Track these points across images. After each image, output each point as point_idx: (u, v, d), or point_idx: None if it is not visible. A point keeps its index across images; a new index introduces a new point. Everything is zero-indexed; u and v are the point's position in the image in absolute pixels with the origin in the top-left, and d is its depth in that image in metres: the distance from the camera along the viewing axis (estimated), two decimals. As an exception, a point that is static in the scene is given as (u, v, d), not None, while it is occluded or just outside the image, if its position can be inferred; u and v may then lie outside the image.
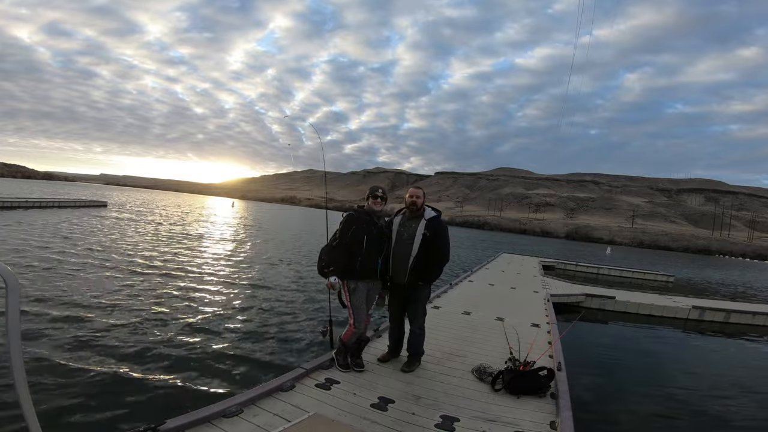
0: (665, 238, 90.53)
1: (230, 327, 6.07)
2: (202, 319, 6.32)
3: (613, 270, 19.97)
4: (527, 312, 7.21)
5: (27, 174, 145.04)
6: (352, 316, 3.63)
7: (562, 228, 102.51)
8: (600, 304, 9.99)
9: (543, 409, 3.25)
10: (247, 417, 2.72)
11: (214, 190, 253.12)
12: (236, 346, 5.30)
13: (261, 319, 6.65)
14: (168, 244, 14.56)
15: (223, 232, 22.44)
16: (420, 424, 2.86)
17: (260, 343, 5.48)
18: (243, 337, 5.66)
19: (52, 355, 4.44)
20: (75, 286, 7.45)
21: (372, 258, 3.63)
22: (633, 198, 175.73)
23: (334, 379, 3.46)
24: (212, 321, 6.27)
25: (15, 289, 1.29)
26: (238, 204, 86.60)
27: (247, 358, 4.95)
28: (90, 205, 31.39)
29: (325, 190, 4.66)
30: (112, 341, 5.01)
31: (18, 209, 22.47)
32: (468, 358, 4.30)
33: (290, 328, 6.31)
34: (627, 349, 7.36)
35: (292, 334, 6.03)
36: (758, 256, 75.06)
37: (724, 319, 9.66)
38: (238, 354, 5.06)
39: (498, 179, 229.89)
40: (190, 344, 5.21)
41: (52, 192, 46.63)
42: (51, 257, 9.82)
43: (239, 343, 5.41)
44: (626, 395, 5.07)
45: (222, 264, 11.70)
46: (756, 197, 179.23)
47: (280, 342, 5.64)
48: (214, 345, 5.28)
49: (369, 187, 3.89)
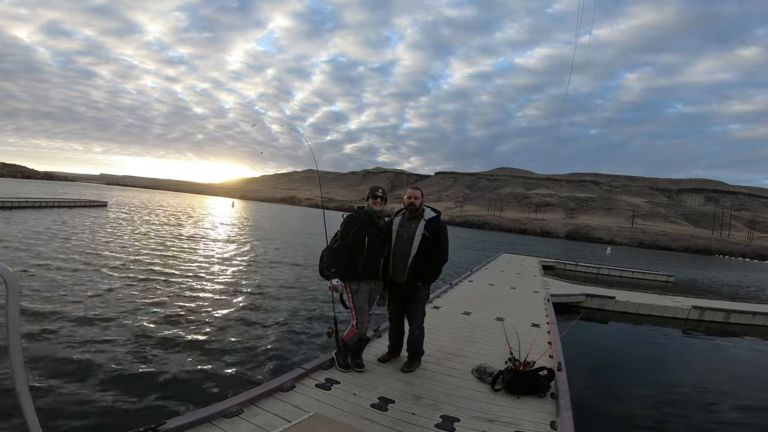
0: (665, 238, 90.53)
1: (230, 327, 6.07)
2: (202, 319, 6.32)
3: (613, 270, 19.98)
4: (527, 312, 7.21)
5: (27, 174, 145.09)
6: (354, 317, 3.63)
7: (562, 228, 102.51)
8: (600, 304, 9.99)
9: (543, 409, 3.25)
10: (247, 417, 2.72)
11: (214, 190, 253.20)
12: (236, 347, 5.30)
13: (261, 319, 6.65)
14: (168, 245, 14.55)
15: (222, 233, 22.44)
16: (420, 424, 2.86)
17: (260, 344, 5.48)
18: (243, 338, 5.66)
19: (52, 356, 4.44)
20: (75, 286, 7.45)
21: (374, 258, 3.63)
22: (633, 198, 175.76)
23: (334, 380, 3.46)
24: (212, 321, 6.27)
25: (15, 288, 1.29)
26: (238, 204, 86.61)
27: (247, 359, 4.95)
28: (90, 205, 31.39)
29: (320, 193, 4.67)
30: (112, 341, 5.01)
31: (18, 209, 22.46)
32: (468, 358, 4.30)
33: (291, 328, 6.31)
34: (627, 349, 7.36)
35: (292, 334, 6.03)
36: (758, 256, 75.08)
37: (724, 319, 9.66)
38: (239, 354, 5.06)
39: (498, 179, 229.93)
40: (190, 344, 5.21)
41: (52, 192, 46.62)
42: (50, 257, 9.81)
43: (239, 344, 5.41)
44: (626, 395, 5.06)
45: (222, 264, 11.70)
46: (756, 197, 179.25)
47: (280, 342, 5.63)
48: (215, 345, 5.28)
49: (369, 188, 3.89)
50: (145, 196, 79.96)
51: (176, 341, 5.26)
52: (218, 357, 4.91)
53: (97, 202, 34.09)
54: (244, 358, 4.97)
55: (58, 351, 4.57)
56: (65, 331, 5.16)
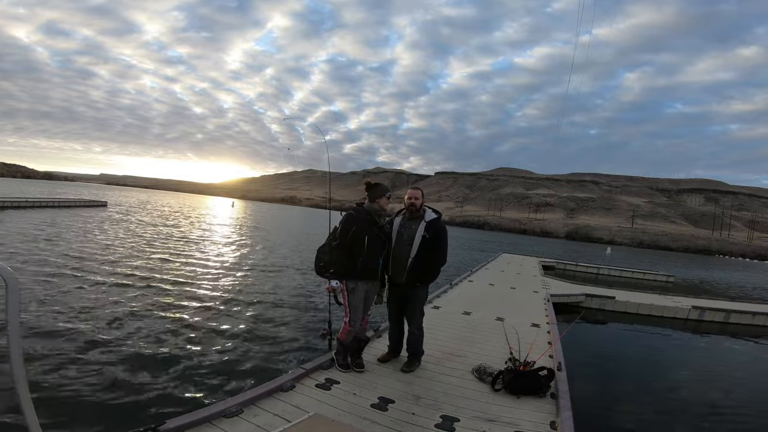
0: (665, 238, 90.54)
1: (230, 327, 6.07)
2: (202, 319, 6.31)
3: (613, 270, 19.96)
4: (527, 312, 7.20)
5: (27, 174, 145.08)
6: (348, 314, 3.63)
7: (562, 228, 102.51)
8: (600, 304, 9.99)
9: (543, 409, 3.25)
10: (247, 417, 2.72)
11: (215, 190, 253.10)
12: (236, 347, 5.30)
13: (262, 319, 6.65)
14: (168, 245, 14.55)
15: (222, 233, 22.45)
16: (420, 424, 2.86)
17: (260, 344, 5.48)
18: (243, 338, 5.66)
19: (51, 356, 4.43)
20: (75, 286, 7.44)
21: (373, 258, 3.62)
22: (633, 198, 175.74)
23: (334, 379, 3.46)
24: (212, 321, 6.27)
25: (15, 289, 1.29)
26: (239, 204, 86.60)
27: (247, 359, 4.95)
28: (90, 205, 31.38)
29: (329, 189, 4.65)
30: (112, 341, 5.01)
31: (18, 209, 22.45)
32: (468, 358, 4.30)
33: (291, 328, 6.31)
34: (627, 349, 7.36)
35: (292, 334, 6.03)
36: (758, 257, 75.09)
37: (724, 319, 9.66)
38: (239, 354, 5.06)
39: (498, 179, 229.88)
40: (190, 344, 5.21)
41: (52, 192, 46.61)
42: (50, 258, 9.81)
43: (239, 344, 5.41)
44: (626, 395, 5.06)
45: (222, 264, 11.70)
46: (756, 197, 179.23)
47: (280, 342, 5.63)
48: (215, 345, 5.28)
49: (379, 186, 3.74)
50: (146, 196, 79.97)
51: (176, 341, 5.26)
52: (218, 357, 4.91)
53: (97, 202, 34.10)
54: (244, 358, 4.97)
55: (57, 351, 4.57)
56: (65, 332, 5.15)
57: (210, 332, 5.75)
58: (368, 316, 3.81)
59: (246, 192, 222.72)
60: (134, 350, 4.82)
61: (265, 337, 5.79)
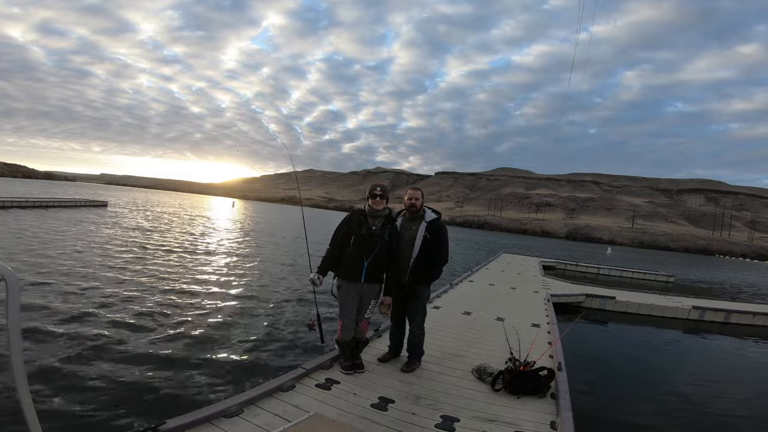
0: (665, 239, 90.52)
1: (230, 327, 6.07)
2: (202, 319, 6.31)
3: (613, 270, 19.97)
4: (527, 312, 7.21)
5: (27, 174, 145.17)
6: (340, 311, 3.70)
7: (563, 228, 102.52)
8: (600, 304, 9.99)
9: (543, 409, 3.25)
10: (247, 417, 2.72)
11: (215, 189, 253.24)
12: (236, 347, 5.30)
13: (261, 319, 6.65)
14: (168, 245, 14.55)
15: (223, 233, 22.45)
16: (420, 424, 2.86)
17: (260, 344, 5.48)
18: (243, 338, 5.66)
19: (51, 356, 4.43)
20: (75, 286, 7.45)
21: (355, 259, 3.55)
22: (633, 198, 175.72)
23: (334, 379, 3.46)
24: (212, 321, 6.27)
25: (15, 288, 1.28)
26: (239, 204, 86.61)
27: (247, 359, 4.95)
28: (90, 205, 31.40)
29: (298, 190, 4.68)
30: (112, 341, 5.01)
31: (17, 209, 22.47)
32: (468, 358, 4.30)
33: (291, 328, 6.31)
34: (627, 349, 7.35)
35: (292, 334, 6.03)
36: (758, 257, 75.10)
37: (724, 320, 9.66)
38: (238, 354, 5.06)
39: (498, 179, 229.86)
40: (190, 344, 5.20)
41: (52, 192, 46.62)
42: (50, 258, 9.82)
43: (239, 344, 5.41)
44: (626, 395, 5.06)
45: (222, 264, 11.70)
46: (756, 197, 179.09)
47: (280, 342, 5.63)
48: (215, 345, 5.28)
49: (368, 186, 3.79)
50: (146, 196, 79.98)
51: (176, 341, 5.26)
52: (218, 357, 4.91)
53: (98, 202, 34.12)
54: (244, 358, 4.97)
55: (57, 351, 4.57)
56: (65, 332, 5.15)
57: (210, 332, 5.74)
58: (367, 320, 3.74)
59: (246, 192, 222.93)
60: (134, 350, 4.82)
61: (265, 337, 5.78)
